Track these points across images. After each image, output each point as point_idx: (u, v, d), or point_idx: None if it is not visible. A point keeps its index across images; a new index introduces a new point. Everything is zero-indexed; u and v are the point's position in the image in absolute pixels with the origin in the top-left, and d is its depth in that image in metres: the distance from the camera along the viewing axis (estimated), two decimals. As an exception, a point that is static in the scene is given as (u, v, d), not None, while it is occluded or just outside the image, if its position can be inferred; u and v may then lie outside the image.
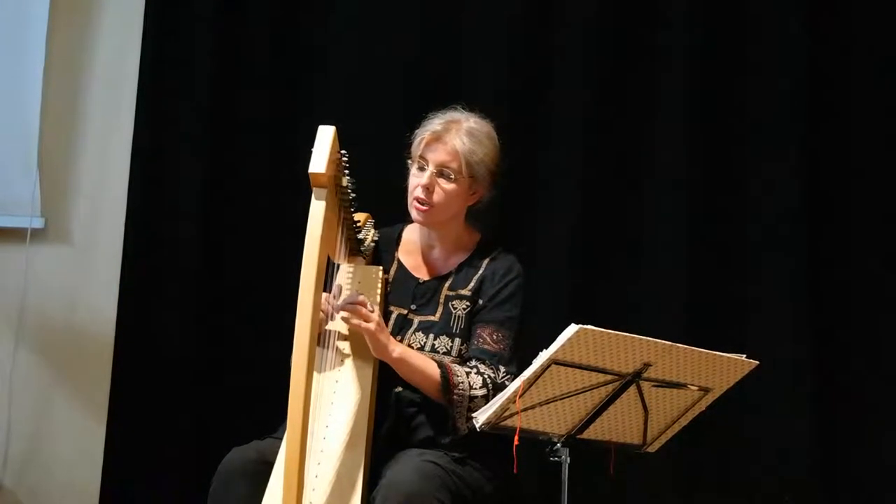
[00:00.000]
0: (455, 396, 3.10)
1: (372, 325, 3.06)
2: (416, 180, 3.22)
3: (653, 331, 2.89)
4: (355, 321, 3.06)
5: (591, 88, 4.19)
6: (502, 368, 3.16)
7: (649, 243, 4.14)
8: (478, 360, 3.17)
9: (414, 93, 4.22)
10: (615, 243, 4.17)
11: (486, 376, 3.13)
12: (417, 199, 3.21)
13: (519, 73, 4.24)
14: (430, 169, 3.21)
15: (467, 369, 3.14)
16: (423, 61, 4.29)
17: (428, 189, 3.20)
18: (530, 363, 2.80)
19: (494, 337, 3.19)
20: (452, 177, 3.21)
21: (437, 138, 3.21)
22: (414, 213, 3.24)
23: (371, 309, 3.08)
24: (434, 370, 3.12)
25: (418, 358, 3.15)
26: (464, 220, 3.31)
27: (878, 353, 4.01)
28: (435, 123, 3.24)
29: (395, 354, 3.11)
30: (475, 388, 3.11)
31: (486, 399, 3.06)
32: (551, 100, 4.22)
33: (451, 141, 3.21)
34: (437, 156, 3.21)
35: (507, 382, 3.11)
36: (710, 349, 2.87)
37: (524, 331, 3.24)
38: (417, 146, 3.24)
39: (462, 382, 3.11)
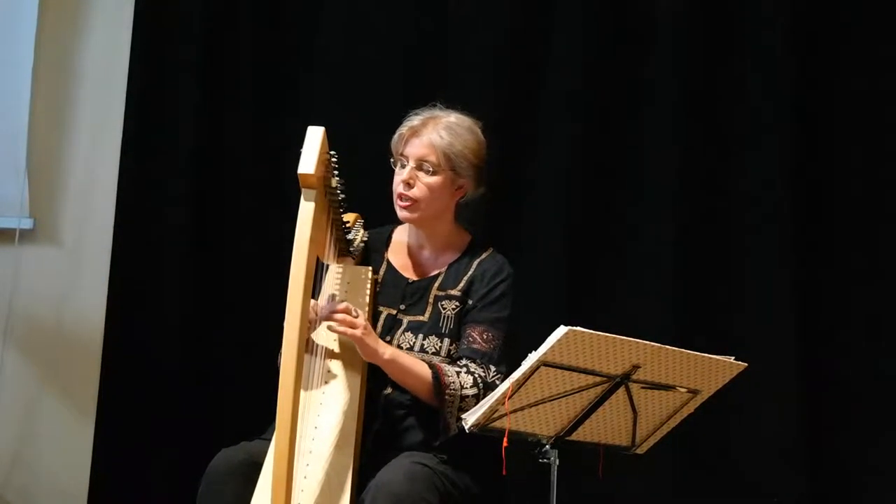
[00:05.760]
0: (447, 396, 3.09)
1: (358, 332, 3.05)
2: (398, 177, 3.23)
3: (642, 332, 2.89)
4: (341, 329, 3.05)
5: (587, 86, 4.20)
6: (492, 368, 3.16)
7: (641, 244, 4.14)
8: (468, 359, 3.16)
9: (408, 92, 4.21)
10: (606, 243, 4.17)
11: (476, 375, 3.13)
12: (399, 196, 3.22)
13: (514, 64, 4.25)
14: (410, 164, 3.21)
15: (457, 368, 3.13)
16: (414, 62, 4.29)
17: (408, 184, 3.20)
18: (520, 365, 2.80)
19: (484, 336, 3.19)
20: (432, 170, 3.21)
21: (413, 133, 3.22)
22: (399, 211, 3.24)
23: (356, 314, 3.07)
24: (425, 371, 3.11)
25: (409, 359, 3.14)
26: (453, 219, 3.30)
27: (874, 353, 4.02)
28: (413, 120, 3.25)
29: (385, 357, 3.11)
30: (466, 388, 3.11)
31: (477, 398, 3.06)
32: (545, 96, 4.22)
33: (427, 135, 3.21)
34: (414, 150, 3.21)
35: (497, 382, 3.11)
36: (698, 351, 2.87)
37: (513, 332, 3.23)
38: (397, 144, 3.25)
39: (453, 382, 3.10)
